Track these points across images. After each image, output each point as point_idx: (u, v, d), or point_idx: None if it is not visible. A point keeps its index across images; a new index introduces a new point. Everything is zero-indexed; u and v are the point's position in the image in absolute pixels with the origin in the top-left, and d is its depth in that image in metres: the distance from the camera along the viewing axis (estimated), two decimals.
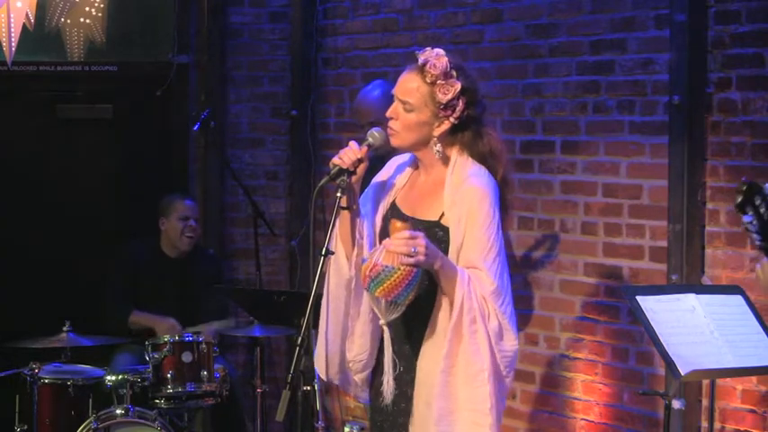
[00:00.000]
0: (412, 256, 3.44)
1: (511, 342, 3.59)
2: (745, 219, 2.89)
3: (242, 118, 7.02)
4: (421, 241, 3.47)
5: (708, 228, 5.12)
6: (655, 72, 5.29)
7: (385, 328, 3.69)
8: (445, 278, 3.54)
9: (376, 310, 3.63)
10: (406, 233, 3.48)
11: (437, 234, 3.63)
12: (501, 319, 3.56)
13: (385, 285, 3.45)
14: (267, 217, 6.65)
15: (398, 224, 3.53)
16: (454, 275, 3.54)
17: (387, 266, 3.44)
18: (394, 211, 3.75)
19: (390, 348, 3.68)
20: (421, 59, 3.66)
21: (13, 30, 5.23)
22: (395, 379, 3.71)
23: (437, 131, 3.67)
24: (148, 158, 6.96)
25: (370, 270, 3.47)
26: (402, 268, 3.44)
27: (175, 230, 6.30)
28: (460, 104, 3.64)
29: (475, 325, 3.54)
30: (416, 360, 3.66)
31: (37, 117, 6.91)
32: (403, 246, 3.45)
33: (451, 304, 3.55)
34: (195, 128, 6.59)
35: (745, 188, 2.87)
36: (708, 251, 5.12)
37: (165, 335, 5.71)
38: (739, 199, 2.88)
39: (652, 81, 5.31)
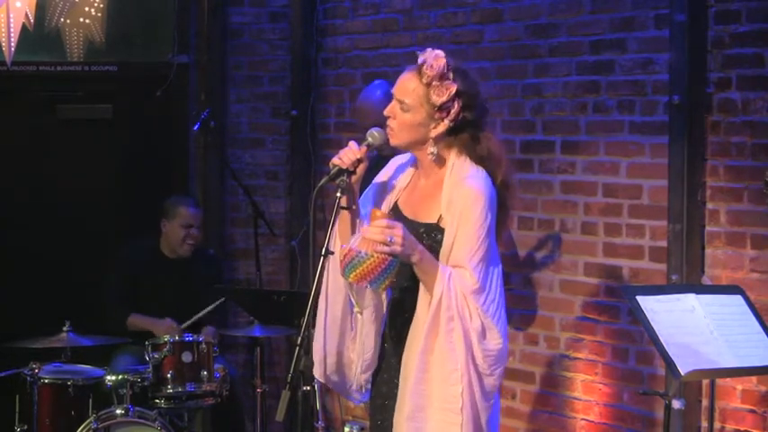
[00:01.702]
0: (388, 245, 3.44)
1: (495, 341, 3.55)
2: None
3: (242, 118, 7.01)
4: (398, 231, 3.46)
5: (708, 228, 5.12)
6: (655, 72, 5.29)
7: (359, 317, 3.70)
8: (424, 273, 3.53)
9: (352, 298, 3.64)
10: (384, 222, 3.48)
11: (436, 237, 3.61)
12: (483, 319, 3.53)
13: (357, 271, 3.45)
14: (267, 217, 6.64)
15: (378, 213, 3.53)
16: (434, 271, 3.52)
17: (360, 252, 3.44)
18: (396, 213, 3.73)
19: (362, 335, 3.71)
20: (420, 59, 3.64)
21: (12, 30, 5.23)
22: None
23: (433, 133, 3.65)
24: (148, 158, 6.95)
25: (345, 255, 3.48)
26: (375, 255, 3.43)
27: (176, 236, 6.28)
28: (456, 107, 3.61)
29: (452, 323, 3.52)
30: (402, 357, 3.66)
31: (37, 117, 6.90)
32: (379, 234, 3.45)
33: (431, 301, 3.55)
34: (195, 128, 6.59)
35: None
36: (708, 251, 5.12)
37: (165, 335, 5.70)
38: None
39: (652, 81, 5.30)
